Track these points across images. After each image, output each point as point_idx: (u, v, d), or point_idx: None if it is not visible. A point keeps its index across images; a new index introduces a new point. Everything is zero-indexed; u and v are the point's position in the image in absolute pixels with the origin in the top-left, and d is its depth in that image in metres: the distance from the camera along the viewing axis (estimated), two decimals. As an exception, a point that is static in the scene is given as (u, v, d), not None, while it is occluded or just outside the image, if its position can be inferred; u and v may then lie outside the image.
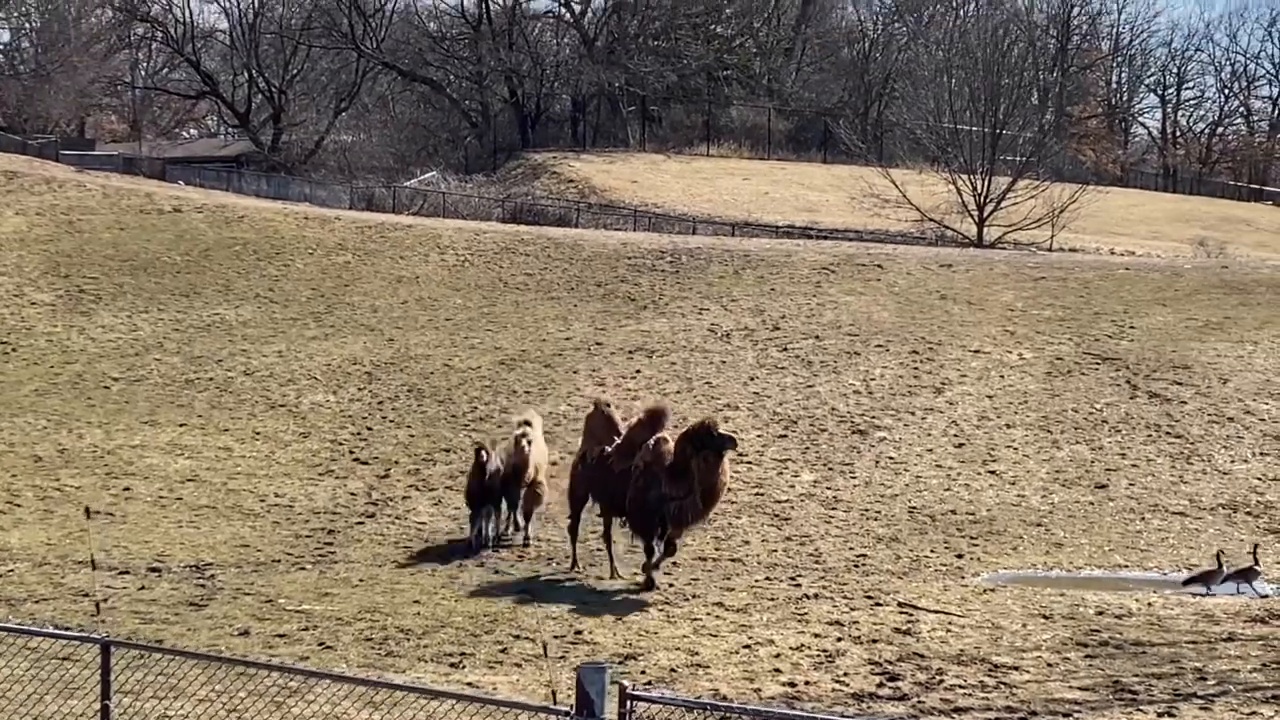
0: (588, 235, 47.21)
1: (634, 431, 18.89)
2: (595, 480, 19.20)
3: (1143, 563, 20.88)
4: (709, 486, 18.04)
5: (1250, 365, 30.29)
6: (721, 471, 18.09)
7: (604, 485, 19.02)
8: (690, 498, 18.00)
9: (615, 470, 18.74)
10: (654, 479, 18.17)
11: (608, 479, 18.89)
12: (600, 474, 19.06)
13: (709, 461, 17.91)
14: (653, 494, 18.17)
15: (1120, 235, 68.79)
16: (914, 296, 36.31)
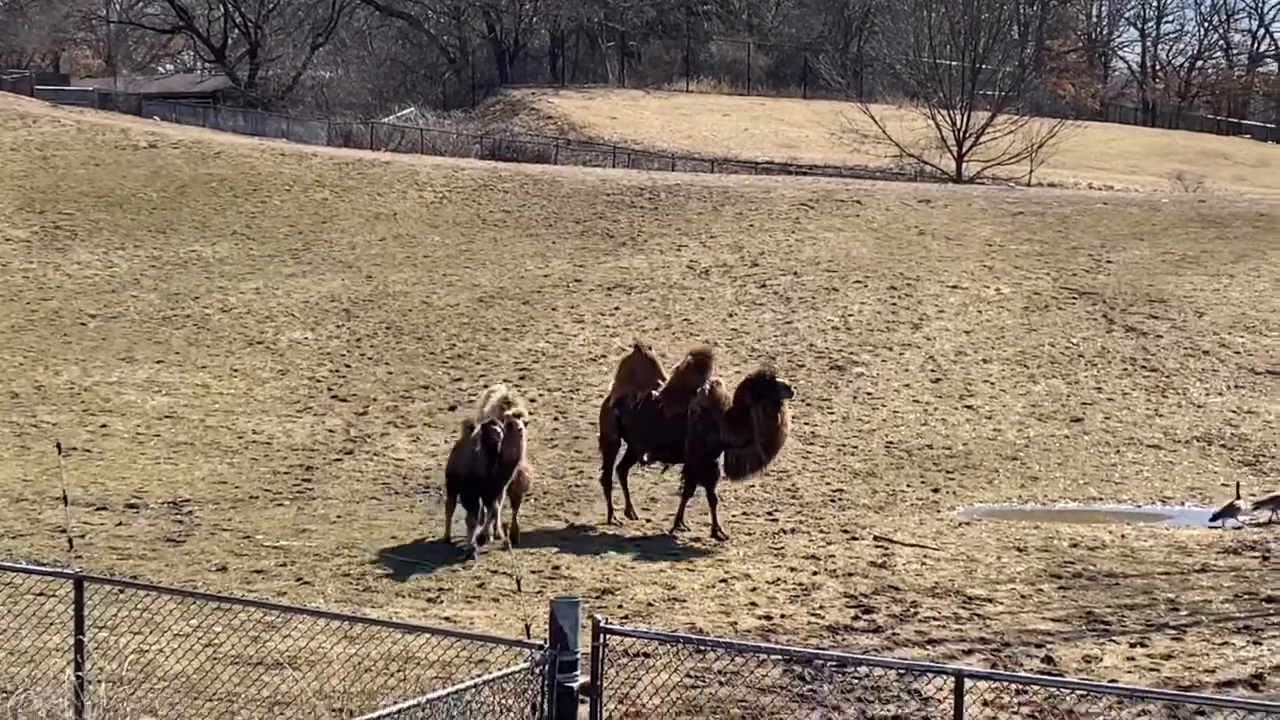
0: (566, 172, 47.10)
1: (683, 375, 18.31)
2: (640, 425, 18.45)
3: (1117, 495, 21.00)
4: (770, 437, 17.81)
5: (1226, 299, 30.40)
6: (783, 422, 17.85)
7: (651, 431, 18.35)
8: (751, 447, 17.77)
9: (667, 415, 18.17)
10: (711, 425, 17.86)
11: (657, 424, 18.24)
12: (647, 419, 18.37)
13: (768, 411, 17.68)
14: (710, 440, 17.86)
15: (1099, 170, 68.79)
16: (892, 232, 36.33)
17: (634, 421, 18.52)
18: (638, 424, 18.48)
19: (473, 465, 16.66)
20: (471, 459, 16.67)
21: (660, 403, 18.30)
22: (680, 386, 18.28)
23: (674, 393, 18.29)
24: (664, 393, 18.37)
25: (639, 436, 18.59)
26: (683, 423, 18.03)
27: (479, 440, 16.63)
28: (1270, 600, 15.39)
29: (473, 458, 16.65)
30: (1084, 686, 11.38)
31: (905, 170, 61.69)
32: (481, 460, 16.57)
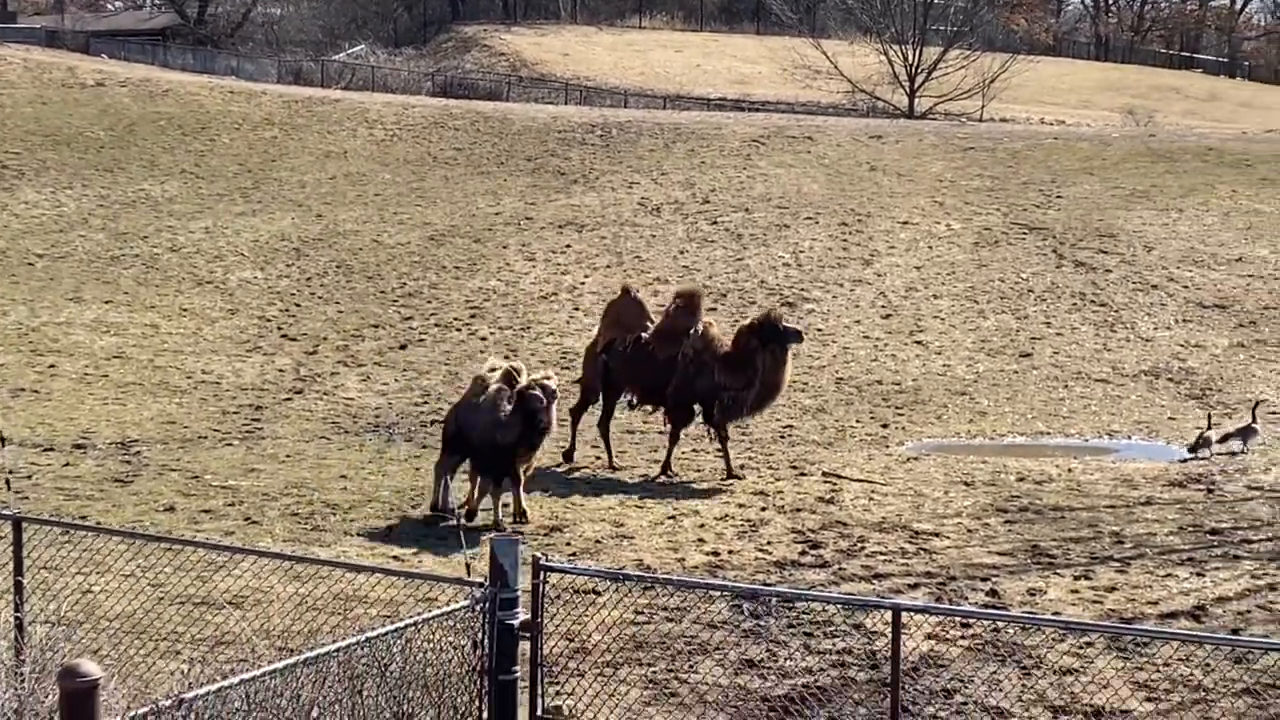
0: (517, 109, 46.89)
1: (673, 317, 18.13)
2: (630, 369, 18.18)
3: (1065, 429, 21.13)
4: (774, 382, 17.78)
5: (1175, 233, 30.54)
6: (786, 366, 17.85)
7: (642, 374, 18.10)
8: (749, 390, 17.71)
9: (659, 358, 17.97)
10: (704, 367, 17.76)
11: (648, 367, 18.01)
12: (637, 362, 18.13)
13: (776, 356, 17.63)
14: (702, 383, 17.76)
15: (1051, 105, 68.86)
16: (844, 168, 36.32)
17: (624, 365, 18.27)
18: (627, 367, 18.24)
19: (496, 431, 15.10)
20: (495, 424, 15.10)
21: (651, 345, 18.10)
22: (671, 328, 18.11)
23: (665, 335, 18.11)
24: (655, 335, 18.16)
25: (630, 380, 18.33)
26: (672, 365, 17.91)
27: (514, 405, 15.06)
28: (1214, 533, 15.54)
29: (495, 423, 15.10)
30: (1018, 619, 11.49)
31: (858, 106, 61.62)
32: (514, 427, 15.06)
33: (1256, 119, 65.20)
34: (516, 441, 15.16)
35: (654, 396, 18.32)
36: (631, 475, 17.91)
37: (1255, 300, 27.09)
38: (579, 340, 25.68)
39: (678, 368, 17.87)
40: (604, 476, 17.82)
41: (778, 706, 10.52)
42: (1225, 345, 25.10)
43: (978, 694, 10.83)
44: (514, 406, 15.15)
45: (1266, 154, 36.40)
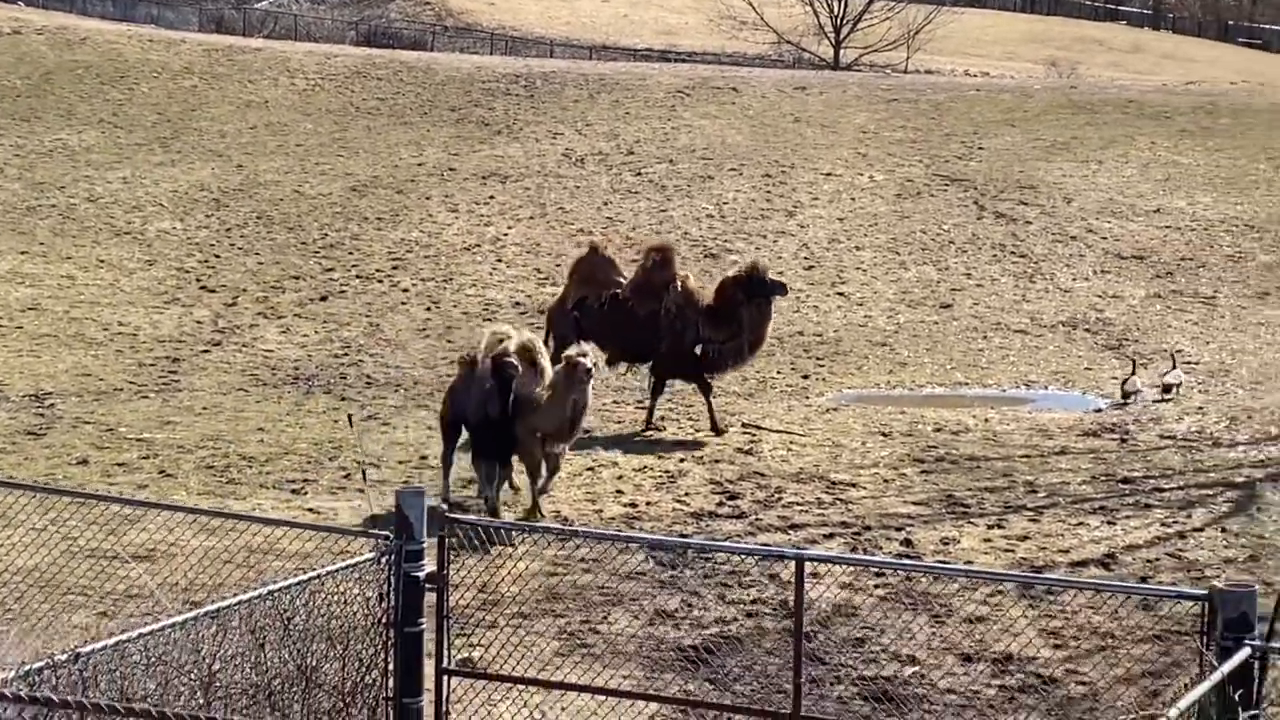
0: (441, 59, 46.60)
1: (649, 272, 17.96)
2: (608, 325, 17.95)
3: (983, 380, 21.28)
4: (759, 335, 17.89)
5: (1094, 184, 30.73)
6: (770, 320, 17.98)
7: (622, 330, 17.92)
8: (734, 342, 17.73)
9: (640, 314, 17.81)
10: (687, 322, 17.71)
11: (628, 324, 17.84)
12: (616, 319, 17.91)
13: (761, 309, 17.69)
14: (689, 336, 17.70)
15: (976, 57, 69.09)
16: (768, 120, 36.32)
17: (601, 322, 17.99)
18: (605, 324, 17.97)
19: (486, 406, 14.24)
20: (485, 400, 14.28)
21: (630, 301, 17.92)
22: (649, 283, 17.94)
23: (643, 290, 17.94)
24: (634, 291, 17.97)
25: (608, 337, 18.03)
26: (654, 321, 17.78)
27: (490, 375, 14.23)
28: (1126, 481, 15.71)
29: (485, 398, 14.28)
30: (917, 568, 11.59)
31: (784, 58, 61.59)
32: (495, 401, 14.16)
33: (1179, 71, 65.64)
34: (499, 417, 14.12)
35: (632, 352, 18.16)
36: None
37: (1172, 251, 27.32)
38: (501, 292, 25.64)
39: (660, 323, 17.78)
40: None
41: (690, 656, 10.58)
42: (1142, 296, 25.31)
43: (888, 642, 10.92)
44: (490, 377, 14.20)
45: (1186, 106, 36.66)
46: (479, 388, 14.36)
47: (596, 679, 9.81)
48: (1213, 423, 17.89)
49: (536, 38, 66.78)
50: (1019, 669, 10.50)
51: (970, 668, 10.55)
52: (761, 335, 17.95)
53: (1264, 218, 28.84)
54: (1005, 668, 10.53)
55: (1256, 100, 37.56)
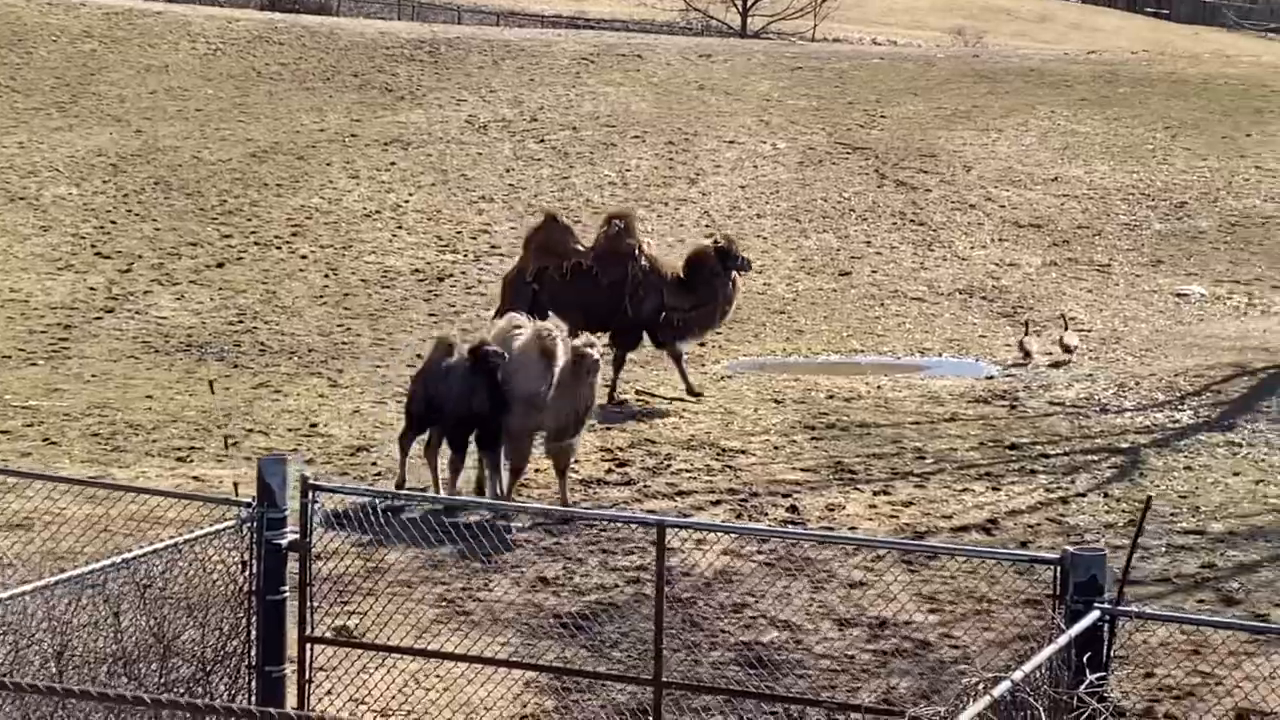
0: (345, 24, 46.25)
1: (614, 240, 17.83)
2: (571, 295, 17.72)
3: (878, 347, 21.42)
4: (727, 307, 18.15)
5: (994, 153, 30.94)
6: (737, 290, 18.21)
7: (585, 300, 17.69)
8: (702, 310, 17.87)
9: (604, 282, 17.64)
10: (651, 290, 17.70)
11: (593, 293, 17.65)
12: (580, 288, 17.69)
13: (733, 281, 17.95)
14: (650, 305, 17.71)
15: (883, 25, 69.32)
16: (672, 87, 36.30)
17: (564, 291, 17.76)
18: (569, 293, 17.75)
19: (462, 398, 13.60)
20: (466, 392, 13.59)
21: (595, 269, 17.76)
22: (613, 251, 17.80)
23: (608, 258, 17.78)
24: (598, 259, 17.78)
25: (571, 307, 17.77)
26: (619, 289, 17.67)
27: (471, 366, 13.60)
28: (1013, 447, 15.89)
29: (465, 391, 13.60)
30: (774, 533, 11.68)
31: (692, 25, 61.54)
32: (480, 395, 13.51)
33: (1085, 40, 66.09)
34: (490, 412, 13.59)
35: (595, 322, 17.75)
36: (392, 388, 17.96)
37: (1069, 219, 27.56)
38: (401, 259, 25.52)
39: (624, 291, 17.68)
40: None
41: (569, 623, 10.61)
42: (1038, 264, 25.53)
43: (767, 608, 11.00)
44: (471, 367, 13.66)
45: (1086, 75, 36.94)
46: (460, 377, 13.73)
47: (474, 646, 9.84)
48: (1101, 389, 18.11)
49: (444, 3, 66.38)
50: (894, 633, 10.62)
51: (846, 632, 10.65)
52: (728, 308, 18.23)
53: (1159, 186, 29.15)
54: (880, 632, 10.64)
55: (1155, 70, 37.91)
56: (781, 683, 9.69)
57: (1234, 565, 12.32)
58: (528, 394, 13.47)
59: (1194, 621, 8.23)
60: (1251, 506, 13.97)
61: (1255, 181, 29.30)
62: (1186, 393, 17.65)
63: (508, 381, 13.46)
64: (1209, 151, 31.04)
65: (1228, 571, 12.16)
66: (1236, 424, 16.36)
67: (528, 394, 13.47)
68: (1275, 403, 16.93)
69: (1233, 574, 12.10)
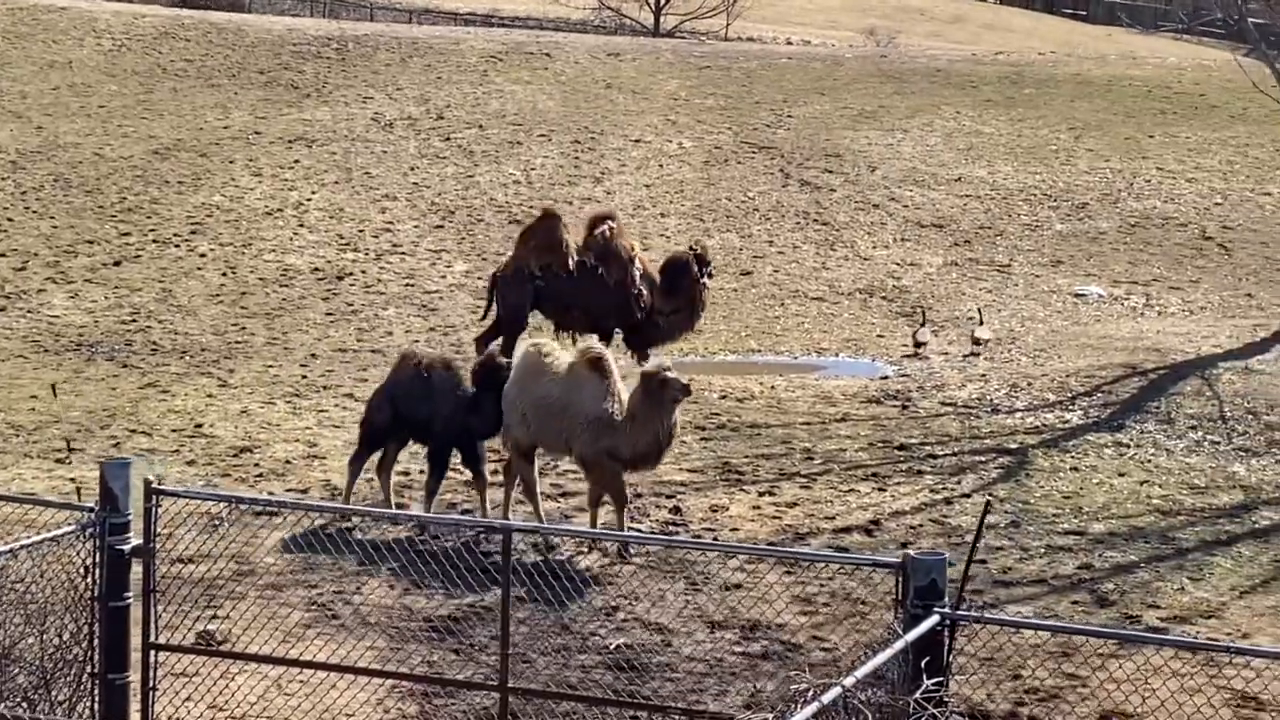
0: (253, 20, 45.88)
1: (613, 239, 17.92)
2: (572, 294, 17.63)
3: (776, 347, 21.44)
4: (703, 309, 18.39)
5: (898, 153, 31.05)
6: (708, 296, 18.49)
7: (585, 299, 17.66)
8: (679, 315, 18.01)
9: (608, 282, 17.61)
10: (641, 292, 17.83)
11: (593, 292, 17.61)
12: (581, 286, 17.61)
13: (705, 284, 18.13)
14: (641, 306, 17.80)
15: (798, 25, 69.47)
16: (580, 86, 36.23)
17: (566, 290, 17.62)
18: (572, 292, 17.63)
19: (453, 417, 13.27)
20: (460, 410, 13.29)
21: (599, 268, 17.70)
22: (612, 251, 17.86)
23: (611, 258, 17.80)
24: (600, 258, 17.74)
25: (572, 306, 17.73)
26: (623, 289, 17.69)
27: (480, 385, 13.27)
28: (902, 448, 15.91)
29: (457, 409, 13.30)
30: (612, 536, 11.61)
31: (606, 23, 61.43)
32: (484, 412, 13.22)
33: (997, 41, 66.49)
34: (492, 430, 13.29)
35: (592, 322, 17.83)
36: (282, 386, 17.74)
37: (971, 220, 27.69)
38: (301, 258, 25.31)
39: (631, 291, 17.74)
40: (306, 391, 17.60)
41: (440, 626, 10.52)
42: (939, 264, 25.63)
43: (640, 611, 10.95)
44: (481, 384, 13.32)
45: (992, 76, 37.15)
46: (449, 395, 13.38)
47: (339, 650, 9.74)
48: (994, 389, 18.17)
49: (356, 0, 65.95)
50: (765, 635, 10.59)
51: (717, 635, 10.61)
52: (702, 310, 18.47)
53: (1061, 187, 29.34)
54: (752, 635, 10.61)
55: (1061, 71, 38.17)
56: (648, 686, 9.64)
57: (1111, 566, 12.38)
58: (595, 416, 12.74)
59: (1031, 626, 8.24)
60: (1134, 507, 14.05)
61: (1156, 183, 29.55)
62: (1077, 393, 17.74)
63: (567, 408, 12.79)
64: (1112, 153, 31.28)
65: (1104, 573, 12.22)
66: (1125, 424, 16.44)
67: (595, 416, 12.74)
68: (1164, 403, 17.03)
69: (1109, 575, 12.16)
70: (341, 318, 22.13)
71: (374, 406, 13.79)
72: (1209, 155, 30.99)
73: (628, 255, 18.02)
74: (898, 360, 20.38)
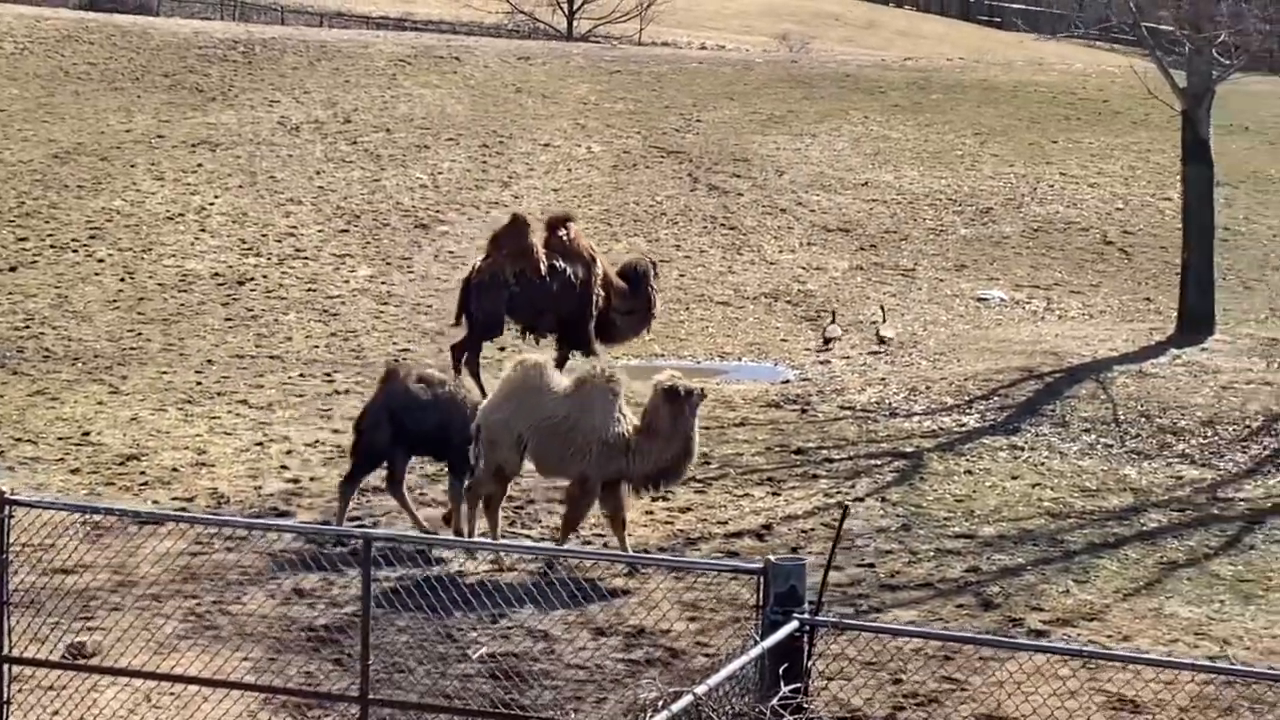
0: (159, 23, 45.44)
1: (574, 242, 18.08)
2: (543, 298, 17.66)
3: (679, 351, 21.40)
4: (655, 313, 18.69)
5: (806, 158, 31.10)
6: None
7: (556, 302, 17.73)
8: (634, 317, 18.28)
9: (575, 285, 17.72)
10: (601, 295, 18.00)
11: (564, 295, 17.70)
12: (552, 290, 17.65)
13: (655, 288, 18.45)
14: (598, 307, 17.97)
15: (712, 30, 69.55)
16: (489, 90, 36.08)
17: (538, 293, 17.64)
18: (543, 295, 17.65)
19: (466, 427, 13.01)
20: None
21: (567, 270, 17.73)
22: (577, 253, 18.00)
23: (577, 259, 17.91)
24: (568, 260, 17.82)
25: (544, 308, 17.77)
26: (588, 290, 17.81)
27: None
28: (799, 452, 15.92)
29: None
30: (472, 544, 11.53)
31: (520, 28, 61.25)
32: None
33: (910, 47, 66.82)
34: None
35: (563, 323, 17.94)
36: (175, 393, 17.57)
37: (877, 224, 27.76)
38: (202, 263, 25.03)
39: (594, 292, 17.89)
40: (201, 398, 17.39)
41: (318, 636, 10.39)
42: (845, 268, 25.67)
43: (525, 618, 10.86)
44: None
45: (900, 81, 37.29)
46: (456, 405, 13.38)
47: (213, 661, 9.58)
48: (893, 393, 18.20)
49: (268, 3, 65.49)
50: (650, 642, 10.53)
51: (601, 641, 10.54)
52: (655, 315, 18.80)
53: (966, 191, 29.47)
54: (636, 641, 10.54)
55: (968, 76, 38.37)
56: (528, 694, 9.55)
57: (998, 569, 12.40)
58: (609, 437, 12.47)
59: (889, 631, 8.22)
60: (1025, 510, 14.10)
61: (1059, 188, 29.73)
62: (975, 396, 17.79)
63: (576, 428, 12.46)
64: (1016, 158, 31.46)
65: (991, 576, 12.24)
66: (1020, 428, 16.52)
67: (609, 437, 12.47)
68: (1059, 407, 17.11)
69: (995, 578, 12.18)
70: (240, 323, 21.90)
71: (371, 425, 13.42)
72: (1111, 160, 31.23)
73: (589, 256, 18.19)
74: (800, 364, 20.39)
